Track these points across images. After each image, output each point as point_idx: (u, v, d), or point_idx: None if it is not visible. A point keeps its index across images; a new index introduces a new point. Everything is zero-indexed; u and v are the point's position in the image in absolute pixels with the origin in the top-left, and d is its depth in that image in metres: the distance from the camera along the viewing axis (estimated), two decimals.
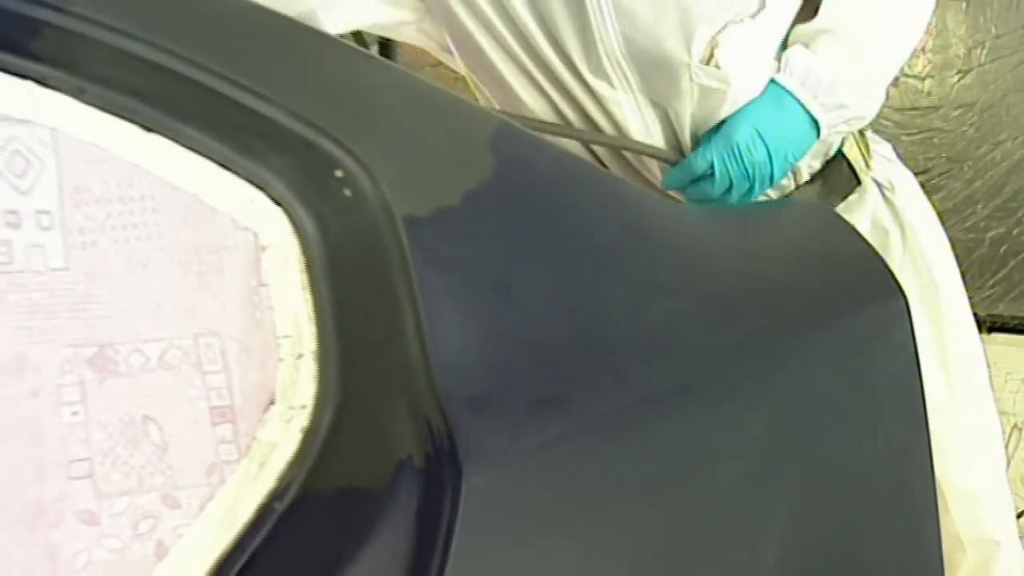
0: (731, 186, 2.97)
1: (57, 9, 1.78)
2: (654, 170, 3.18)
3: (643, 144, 3.07)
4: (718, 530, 2.22)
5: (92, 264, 1.78)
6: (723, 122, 2.98)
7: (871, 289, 2.54)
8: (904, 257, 3.24)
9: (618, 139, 3.09)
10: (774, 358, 2.36)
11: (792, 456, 2.34)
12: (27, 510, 1.71)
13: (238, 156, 1.88)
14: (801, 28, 3.03)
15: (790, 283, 2.46)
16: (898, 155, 3.39)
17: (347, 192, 1.91)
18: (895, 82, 3.14)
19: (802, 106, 2.97)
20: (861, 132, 3.22)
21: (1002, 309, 4.94)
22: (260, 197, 1.89)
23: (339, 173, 1.91)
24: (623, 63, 3.00)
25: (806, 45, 2.99)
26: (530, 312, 2.05)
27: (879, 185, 3.26)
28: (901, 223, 3.27)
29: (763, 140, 2.96)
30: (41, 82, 1.77)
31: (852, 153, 3.21)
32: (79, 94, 1.78)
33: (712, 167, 2.96)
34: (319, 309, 1.90)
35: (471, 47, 3.11)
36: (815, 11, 3.04)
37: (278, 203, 1.89)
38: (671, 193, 3.14)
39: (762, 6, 2.99)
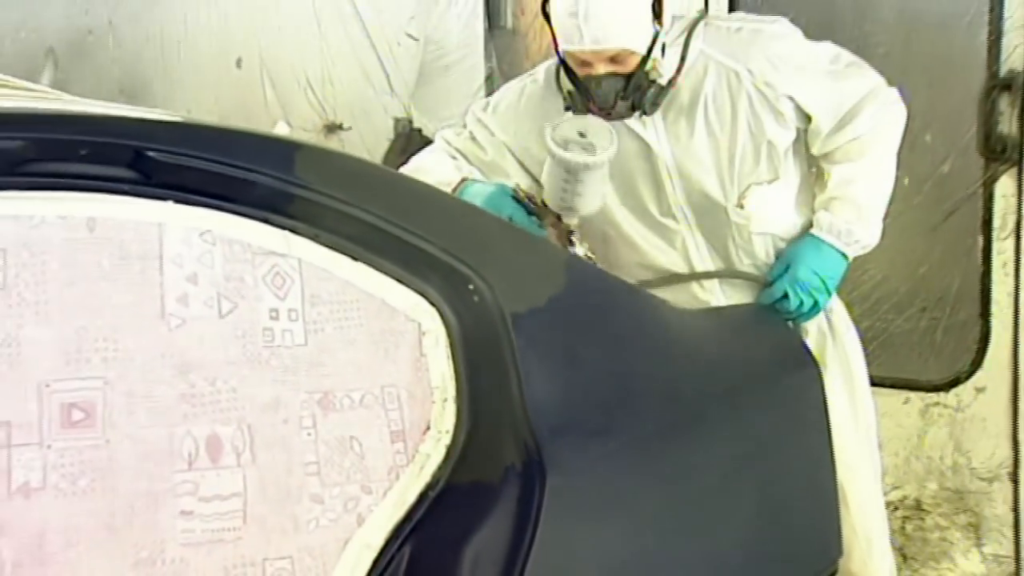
0: (801, 303, 3.03)
1: (303, 186, 1.84)
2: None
3: (741, 272, 3.14)
4: (704, 515, 2.25)
5: (321, 342, 1.84)
6: (788, 265, 3.06)
7: (798, 362, 2.60)
8: (835, 349, 3.26)
9: (725, 271, 3.13)
10: (737, 404, 2.40)
11: (747, 466, 2.37)
12: (281, 493, 1.78)
13: (409, 275, 1.92)
14: (821, 198, 3.11)
15: (748, 357, 2.52)
16: None
17: (475, 298, 1.96)
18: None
19: (835, 248, 3.07)
20: None
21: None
22: (422, 301, 1.93)
23: (471, 286, 1.95)
24: (685, 209, 3.08)
25: (826, 208, 3.07)
26: (589, 374, 2.10)
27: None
28: (833, 328, 3.28)
29: (816, 274, 3.04)
30: (293, 231, 1.83)
31: None
32: (315, 238, 1.85)
33: (786, 294, 3.02)
34: (457, 371, 1.94)
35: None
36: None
37: (433, 304, 1.94)
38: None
39: (775, 177, 3.07)
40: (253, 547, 1.75)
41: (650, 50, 2.89)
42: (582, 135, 2.85)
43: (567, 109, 3.02)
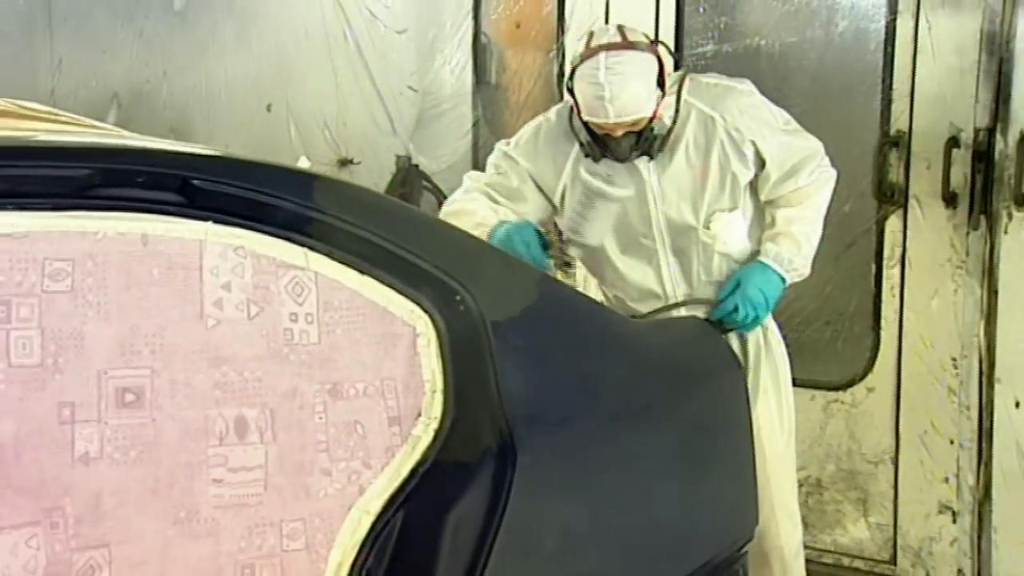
0: (747, 315, 3.10)
1: (320, 211, 1.82)
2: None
3: (697, 298, 3.20)
4: (649, 491, 2.24)
5: (332, 341, 1.82)
6: (738, 283, 3.13)
7: (726, 366, 2.59)
8: (767, 359, 3.31)
9: (691, 299, 3.21)
10: (676, 399, 2.38)
11: (684, 451, 2.36)
12: (296, 466, 1.77)
13: (407, 287, 1.90)
14: (768, 233, 3.20)
15: (686, 361, 2.50)
16: None
17: (462, 308, 1.94)
18: None
19: (777, 273, 3.14)
20: None
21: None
22: (417, 309, 1.91)
23: (458, 297, 1.94)
24: (663, 229, 3.15)
25: (772, 241, 3.16)
26: (555, 372, 2.09)
27: None
28: (768, 342, 3.32)
29: (761, 292, 3.11)
30: (311, 248, 1.81)
31: None
32: (329, 254, 1.83)
33: (736, 307, 3.09)
34: (445, 368, 1.93)
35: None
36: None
37: (426, 312, 1.92)
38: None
39: (735, 206, 3.15)
40: (272, 510, 1.74)
41: (655, 110, 3.00)
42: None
43: (586, 156, 3.10)
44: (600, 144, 3.05)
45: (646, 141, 3.02)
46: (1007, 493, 4.20)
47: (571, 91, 3.01)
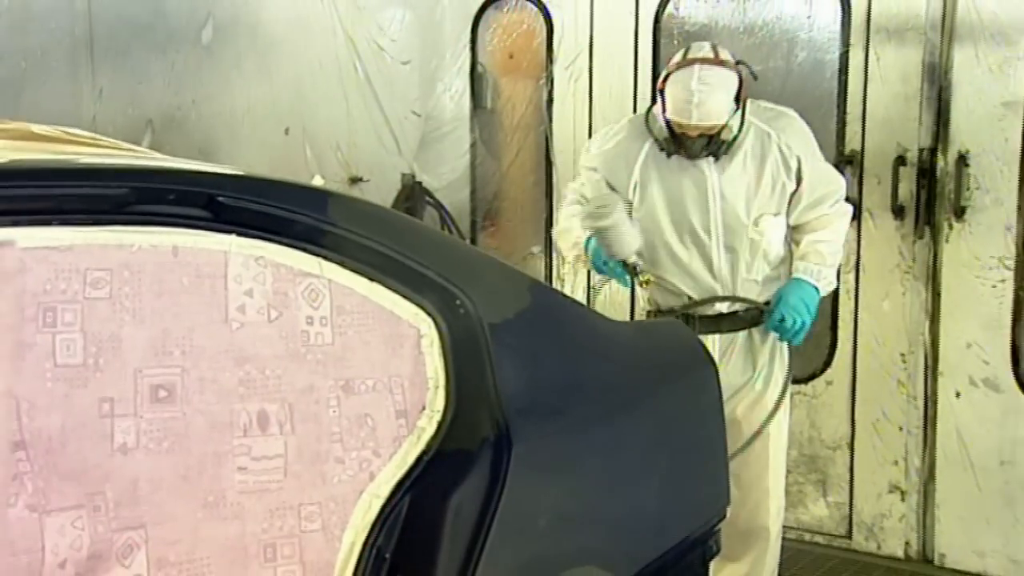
0: (794, 321, 3.20)
1: (333, 224, 1.81)
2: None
3: (748, 300, 3.30)
4: (630, 476, 2.23)
5: (344, 342, 1.81)
6: (780, 298, 3.23)
7: (700, 363, 2.56)
8: (780, 360, 3.38)
9: (733, 297, 3.29)
10: (655, 393, 2.37)
11: (662, 439, 2.34)
12: (312, 455, 1.76)
13: (412, 292, 1.89)
14: (797, 254, 3.31)
15: (665, 359, 2.47)
16: None
17: (462, 311, 1.92)
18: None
19: (811, 285, 3.24)
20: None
21: None
22: (421, 312, 1.90)
23: (458, 302, 1.92)
24: (719, 226, 3.23)
25: (802, 259, 3.27)
26: (546, 369, 2.07)
27: None
28: (781, 348, 3.38)
29: (802, 301, 3.21)
30: (325, 258, 1.80)
31: None
32: (341, 263, 1.81)
33: (783, 317, 3.20)
34: (447, 365, 1.91)
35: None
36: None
37: (429, 315, 1.90)
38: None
39: (779, 211, 3.25)
40: (291, 495, 1.73)
41: (729, 121, 3.14)
42: (600, 206, 3.17)
43: (661, 150, 3.23)
44: (676, 142, 3.18)
45: (716, 146, 3.15)
46: (949, 474, 4.24)
47: (662, 92, 3.16)
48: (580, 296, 4.06)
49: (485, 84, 5.23)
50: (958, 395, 4.19)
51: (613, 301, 4.40)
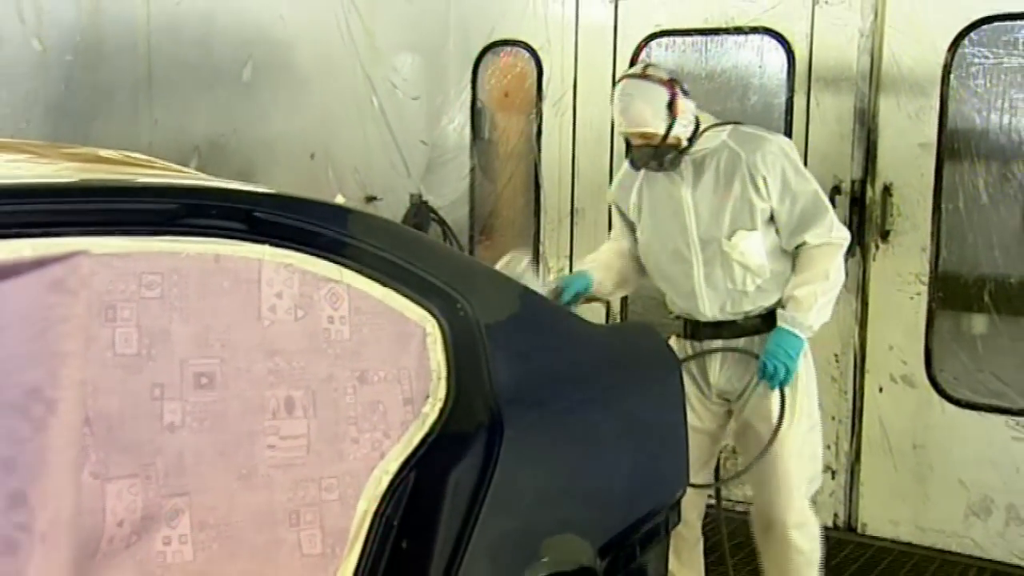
0: (775, 367, 2.95)
1: (352, 237, 1.79)
2: None
3: (746, 351, 3.07)
4: (604, 460, 2.22)
5: (360, 337, 1.79)
6: (768, 350, 2.98)
7: (666, 362, 2.54)
8: (805, 370, 3.10)
9: (729, 347, 3.09)
10: (627, 387, 2.35)
11: (631, 428, 2.32)
12: (331, 436, 1.74)
13: (419, 296, 1.88)
14: (785, 296, 3.01)
15: (635, 358, 2.46)
16: None
17: (461, 313, 1.92)
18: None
19: (792, 333, 2.97)
20: None
21: None
22: (427, 314, 1.89)
23: (458, 305, 1.92)
24: (696, 241, 3.06)
25: (784, 307, 2.99)
26: (534, 364, 2.06)
27: None
28: (807, 359, 3.12)
29: (782, 348, 2.96)
30: (345, 266, 1.78)
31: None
32: (359, 271, 1.80)
33: (765, 365, 2.97)
34: (448, 360, 1.90)
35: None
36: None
37: (433, 316, 1.89)
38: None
39: (754, 227, 3.00)
40: (313, 470, 1.71)
41: (669, 130, 2.96)
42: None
43: (631, 164, 3.12)
44: (629, 152, 3.09)
45: (660, 155, 2.99)
46: (872, 457, 4.27)
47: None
48: None
49: (483, 118, 5.24)
50: (881, 390, 4.24)
51: (591, 307, 4.39)
